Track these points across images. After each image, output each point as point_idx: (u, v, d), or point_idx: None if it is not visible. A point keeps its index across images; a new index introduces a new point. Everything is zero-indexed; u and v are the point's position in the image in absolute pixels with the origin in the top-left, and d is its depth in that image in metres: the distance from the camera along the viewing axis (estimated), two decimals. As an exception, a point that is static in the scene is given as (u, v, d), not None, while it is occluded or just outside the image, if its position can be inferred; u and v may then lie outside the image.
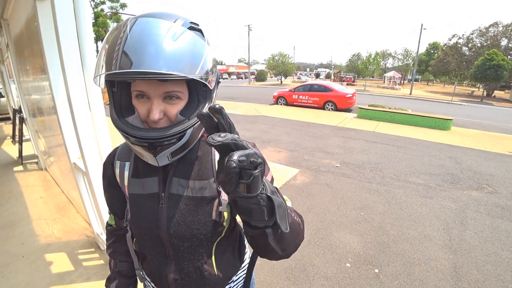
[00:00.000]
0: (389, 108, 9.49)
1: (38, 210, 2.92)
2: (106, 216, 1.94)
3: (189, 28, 0.51)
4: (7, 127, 7.00)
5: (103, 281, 0.84)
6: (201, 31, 0.53)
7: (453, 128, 8.12)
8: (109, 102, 0.56)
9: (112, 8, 18.28)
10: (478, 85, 32.73)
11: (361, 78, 45.83)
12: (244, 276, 0.78)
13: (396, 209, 3.20)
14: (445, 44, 34.92)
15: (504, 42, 29.82)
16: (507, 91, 31.00)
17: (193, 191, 0.62)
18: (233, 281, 0.76)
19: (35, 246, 2.33)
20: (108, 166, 0.72)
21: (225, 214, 0.65)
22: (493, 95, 27.41)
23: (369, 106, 9.84)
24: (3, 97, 7.71)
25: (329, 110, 10.91)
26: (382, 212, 3.12)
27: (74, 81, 1.55)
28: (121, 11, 18.23)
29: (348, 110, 10.89)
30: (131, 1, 20.65)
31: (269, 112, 10.22)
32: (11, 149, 5.09)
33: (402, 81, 41.36)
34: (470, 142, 6.55)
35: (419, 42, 25.34)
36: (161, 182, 0.64)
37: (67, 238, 2.44)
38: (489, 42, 29.80)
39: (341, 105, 10.70)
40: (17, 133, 4.61)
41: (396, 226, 2.85)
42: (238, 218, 0.67)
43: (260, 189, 0.39)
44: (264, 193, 0.40)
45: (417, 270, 2.21)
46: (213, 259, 0.69)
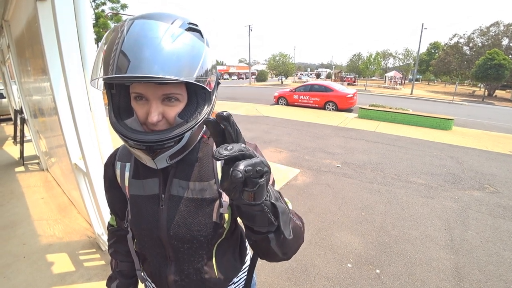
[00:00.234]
0: (390, 108, 9.47)
1: (39, 211, 2.92)
2: (107, 217, 1.94)
3: (188, 29, 0.50)
4: (9, 128, 7.02)
5: (104, 282, 0.84)
6: (200, 32, 0.53)
7: (455, 128, 8.10)
8: (108, 105, 0.56)
9: (112, 9, 18.29)
10: (479, 84, 32.66)
11: (362, 78, 45.79)
12: (245, 277, 0.78)
13: (398, 209, 3.19)
14: (446, 44, 34.84)
15: (505, 41, 29.74)
16: (508, 90, 30.92)
17: (194, 193, 0.62)
18: (234, 282, 0.75)
19: (36, 246, 2.34)
20: (109, 167, 0.72)
21: (226, 215, 0.65)
22: (494, 94, 27.34)
23: (370, 106, 9.82)
24: (5, 98, 7.74)
25: (330, 110, 10.90)
26: (383, 212, 3.11)
27: (74, 81, 1.55)
28: (121, 12, 18.24)
29: (349, 110, 10.87)
30: (131, 1, 20.61)
31: (270, 112, 10.21)
32: (13, 150, 5.11)
33: (403, 81, 41.32)
34: (472, 142, 6.53)
35: (420, 41, 25.30)
36: (161, 183, 0.63)
37: (68, 238, 2.45)
38: (490, 42, 29.71)
39: (342, 105, 10.69)
40: (18, 133, 4.62)
41: (397, 226, 2.84)
42: (239, 220, 0.67)
43: (264, 197, 0.38)
44: (268, 200, 0.40)
45: (418, 270, 2.20)
46: (214, 261, 0.68)
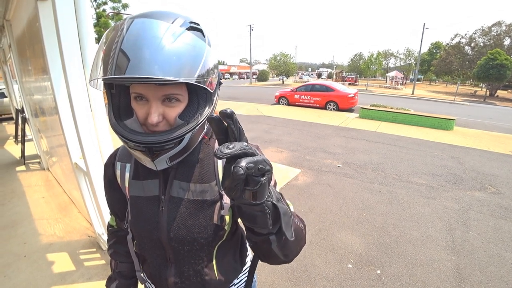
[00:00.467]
0: (391, 108, 9.45)
1: (40, 210, 2.93)
2: (107, 216, 1.93)
3: (189, 28, 0.49)
4: (10, 127, 7.04)
5: (104, 281, 0.84)
6: (201, 31, 0.51)
7: (456, 128, 8.07)
8: (107, 105, 0.55)
9: (114, 8, 18.32)
10: (481, 84, 32.54)
11: (363, 78, 45.72)
12: (245, 279, 0.77)
13: (398, 210, 3.18)
14: (448, 44, 34.74)
15: (507, 41, 29.62)
16: (510, 90, 30.84)
17: (194, 194, 0.61)
18: (234, 284, 0.75)
19: (37, 245, 2.34)
20: (109, 167, 0.71)
21: (227, 217, 0.64)
22: (496, 94, 27.24)
23: (371, 106, 9.80)
24: (6, 97, 7.76)
25: (331, 110, 10.88)
26: (384, 213, 3.11)
27: (75, 81, 1.55)
28: (123, 11, 18.27)
29: (350, 110, 10.85)
30: (133, 1, 20.62)
31: (271, 112, 10.21)
32: (14, 149, 5.13)
33: (404, 81, 41.20)
34: (473, 142, 6.50)
35: (421, 41, 25.20)
36: (161, 184, 0.63)
37: (68, 238, 2.45)
38: (492, 42, 29.60)
39: (343, 105, 10.67)
40: (19, 133, 4.63)
41: (398, 226, 2.83)
42: (240, 221, 0.66)
43: (266, 197, 0.38)
44: (269, 201, 0.40)
45: (419, 271, 2.19)
46: (214, 262, 0.68)
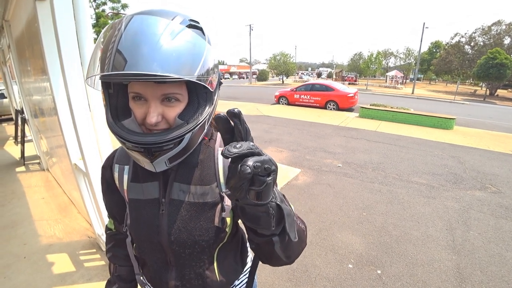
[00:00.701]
0: (391, 108, 9.45)
1: (40, 211, 2.92)
2: (107, 218, 1.94)
3: (188, 26, 0.48)
4: (10, 128, 7.04)
5: (105, 282, 0.83)
6: (201, 29, 0.51)
7: (456, 128, 8.07)
8: (104, 105, 0.54)
9: (113, 8, 18.33)
10: (481, 84, 32.53)
11: (363, 77, 45.68)
12: (246, 280, 0.77)
13: (399, 209, 3.18)
14: (448, 43, 34.72)
15: (507, 40, 29.60)
16: (510, 90, 30.82)
17: (195, 197, 0.60)
18: (235, 285, 0.75)
19: (37, 246, 2.33)
20: (107, 169, 0.70)
21: (228, 219, 0.63)
22: (496, 94, 27.22)
23: (371, 105, 9.80)
24: (6, 98, 7.76)
25: (331, 109, 10.87)
26: (384, 213, 3.10)
27: (74, 81, 1.54)
28: (122, 11, 18.27)
29: (350, 110, 10.85)
30: (132, 1, 20.62)
31: (271, 111, 10.20)
32: (14, 150, 5.12)
33: (404, 80, 41.20)
34: (473, 142, 6.50)
35: (421, 41, 25.19)
36: (161, 187, 0.62)
37: (68, 238, 2.44)
38: (492, 41, 29.58)
39: (343, 104, 10.66)
40: (19, 133, 4.63)
41: (398, 226, 2.83)
42: (240, 222, 0.66)
43: (270, 197, 0.38)
44: (274, 201, 0.39)
45: (420, 271, 2.19)
46: (215, 265, 0.67)
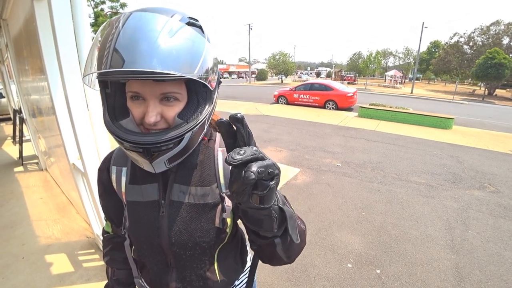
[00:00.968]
0: (390, 107, 9.47)
1: (38, 211, 2.91)
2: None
3: (188, 23, 0.47)
4: (8, 128, 7.01)
5: (103, 282, 0.82)
6: (200, 27, 0.50)
7: (455, 127, 8.09)
8: (102, 104, 0.53)
9: (112, 7, 18.25)
10: (480, 83, 32.61)
11: (362, 77, 45.73)
12: (246, 279, 0.77)
13: (398, 209, 3.18)
14: (446, 43, 34.82)
15: (506, 40, 29.69)
16: (508, 89, 30.85)
17: (195, 198, 0.60)
18: (235, 285, 0.74)
19: (35, 247, 2.33)
20: (104, 172, 0.68)
21: (229, 220, 0.63)
22: (494, 93, 27.30)
23: (370, 105, 9.82)
24: (4, 97, 7.72)
25: (330, 109, 10.88)
26: (383, 212, 3.10)
27: (72, 81, 1.53)
28: (121, 10, 18.22)
29: (349, 109, 10.86)
30: (131, 0, 20.56)
31: (270, 111, 10.20)
32: (12, 150, 5.10)
33: (403, 80, 41.30)
34: (472, 141, 6.51)
35: (420, 40, 25.24)
36: (161, 189, 0.61)
37: (67, 239, 2.44)
38: (490, 41, 29.66)
39: (342, 104, 10.67)
40: (17, 133, 4.61)
41: (397, 226, 2.83)
42: (239, 222, 0.66)
43: (273, 201, 0.38)
44: (276, 205, 0.39)
45: (419, 270, 2.19)
46: (216, 265, 0.67)
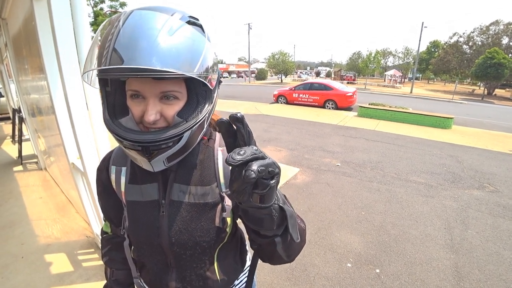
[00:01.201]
0: (390, 107, 9.48)
1: (37, 210, 2.91)
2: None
3: (188, 22, 0.47)
4: (7, 127, 6.99)
5: (103, 282, 0.82)
6: (201, 26, 0.50)
7: (454, 127, 8.09)
8: (101, 103, 0.53)
9: (111, 7, 18.23)
10: (479, 83, 32.64)
11: (362, 76, 45.73)
12: (245, 279, 0.77)
13: (397, 208, 3.19)
14: (446, 43, 34.85)
15: (505, 40, 29.73)
16: (508, 89, 30.92)
17: (195, 197, 0.60)
18: (235, 285, 0.74)
19: (35, 246, 2.32)
20: (103, 171, 0.68)
21: (228, 219, 0.63)
22: (494, 93, 27.35)
23: (369, 104, 9.83)
24: (3, 96, 7.70)
25: (329, 108, 10.88)
26: (383, 212, 3.11)
27: (71, 80, 1.53)
28: (120, 10, 18.19)
29: (348, 109, 10.86)
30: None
31: (270, 111, 10.19)
32: (11, 149, 5.08)
33: (403, 80, 41.33)
34: (471, 141, 6.52)
35: (419, 40, 25.25)
36: (161, 188, 0.60)
37: (66, 238, 2.43)
38: (490, 41, 29.70)
39: (342, 103, 10.67)
40: (16, 133, 4.60)
41: (397, 225, 2.84)
42: (239, 221, 0.66)
43: (273, 200, 0.38)
44: (276, 204, 0.39)
45: (418, 270, 2.20)
46: (216, 265, 0.67)
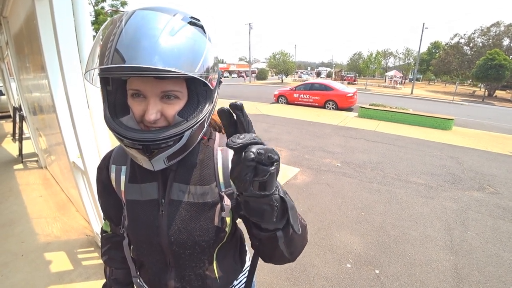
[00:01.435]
0: (390, 108, 9.46)
1: (38, 209, 2.91)
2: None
3: (189, 23, 0.48)
4: (8, 125, 6.99)
5: (103, 281, 0.82)
6: (202, 27, 0.50)
7: (455, 128, 8.09)
8: (102, 101, 0.53)
9: (112, 6, 18.22)
10: (480, 85, 32.62)
11: (362, 77, 45.70)
12: (245, 279, 0.77)
13: (397, 209, 3.19)
14: (447, 44, 34.82)
15: (506, 41, 29.71)
16: (508, 91, 30.88)
17: (195, 197, 0.60)
18: (234, 285, 0.75)
19: (34, 245, 2.32)
20: (103, 170, 0.68)
21: (228, 219, 0.63)
22: (494, 95, 27.31)
23: (370, 105, 9.81)
24: (4, 95, 7.71)
25: (330, 109, 10.88)
26: (383, 212, 3.11)
27: (72, 79, 1.53)
28: (121, 9, 18.17)
29: (349, 109, 10.87)
30: (131, -1, 20.50)
31: (270, 111, 10.20)
32: (11, 147, 5.09)
33: (403, 81, 41.32)
34: (472, 142, 6.52)
35: (420, 41, 25.24)
36: (160, 187, 0.61)
37: (66, 237, 2.43)
38: (490, 42, 29.69)
39: (342, 104, 10.68)
40: (17, 131, 4.60)
41: (397, 226, 2.84)
42: (239, 221, 0.66)
43: (274, 188, 0.39)
44: (277, 194, 0.40)
45: (418, 271, 2.20)
46: (215, 265, 0.67)
